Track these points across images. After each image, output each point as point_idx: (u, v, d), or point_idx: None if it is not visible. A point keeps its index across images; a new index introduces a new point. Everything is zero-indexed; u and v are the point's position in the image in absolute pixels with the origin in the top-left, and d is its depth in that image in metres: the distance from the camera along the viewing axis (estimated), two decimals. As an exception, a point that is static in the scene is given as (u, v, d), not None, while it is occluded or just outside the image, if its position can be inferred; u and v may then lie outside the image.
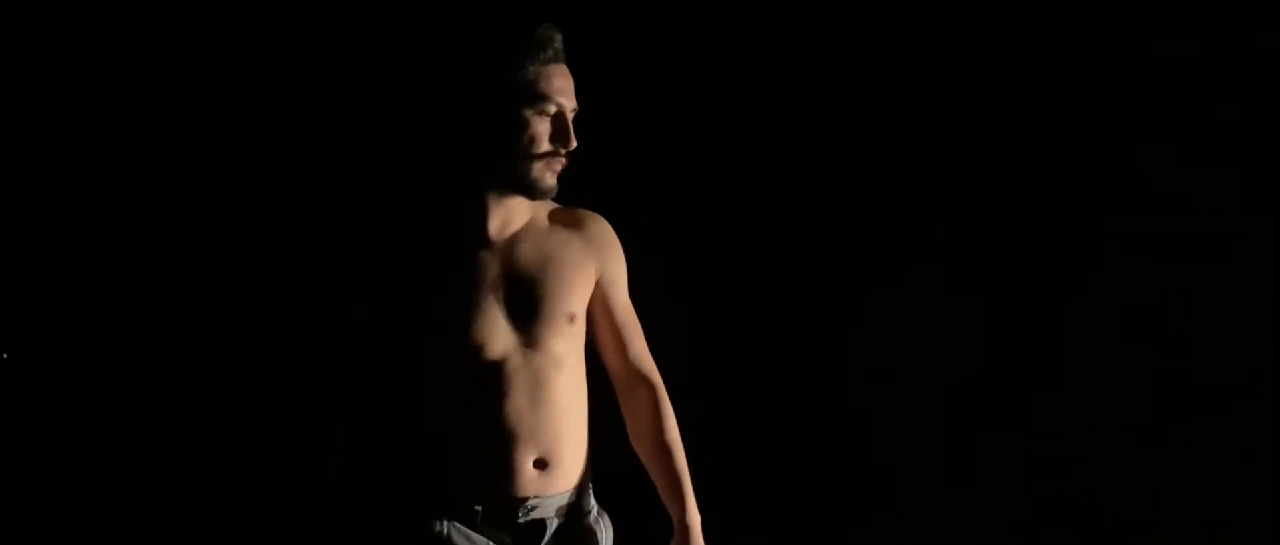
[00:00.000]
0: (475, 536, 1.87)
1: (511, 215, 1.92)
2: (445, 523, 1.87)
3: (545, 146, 1.84)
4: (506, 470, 1.87)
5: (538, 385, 1.89)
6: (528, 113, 1.82)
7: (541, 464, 1.89)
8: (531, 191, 1.86)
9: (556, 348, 1.91)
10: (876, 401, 2.96)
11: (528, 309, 1.89)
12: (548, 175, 1.85)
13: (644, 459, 2.04)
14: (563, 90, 1.85)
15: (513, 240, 1.92)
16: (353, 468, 1.92)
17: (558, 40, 1.85)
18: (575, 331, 1.95)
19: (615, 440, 2.05)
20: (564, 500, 1.93)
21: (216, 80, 2.77)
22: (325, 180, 2.73)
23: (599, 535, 2.00)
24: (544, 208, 1.97)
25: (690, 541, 1.98)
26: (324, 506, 1.94)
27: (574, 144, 1.85)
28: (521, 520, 1.90)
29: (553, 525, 1.92)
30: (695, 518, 1.99)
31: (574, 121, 1.86)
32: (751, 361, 2.90)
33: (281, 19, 2.78)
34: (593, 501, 2.01)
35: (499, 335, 1.88)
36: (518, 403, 1.87)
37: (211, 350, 2.79)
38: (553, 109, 1.84)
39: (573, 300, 1.94)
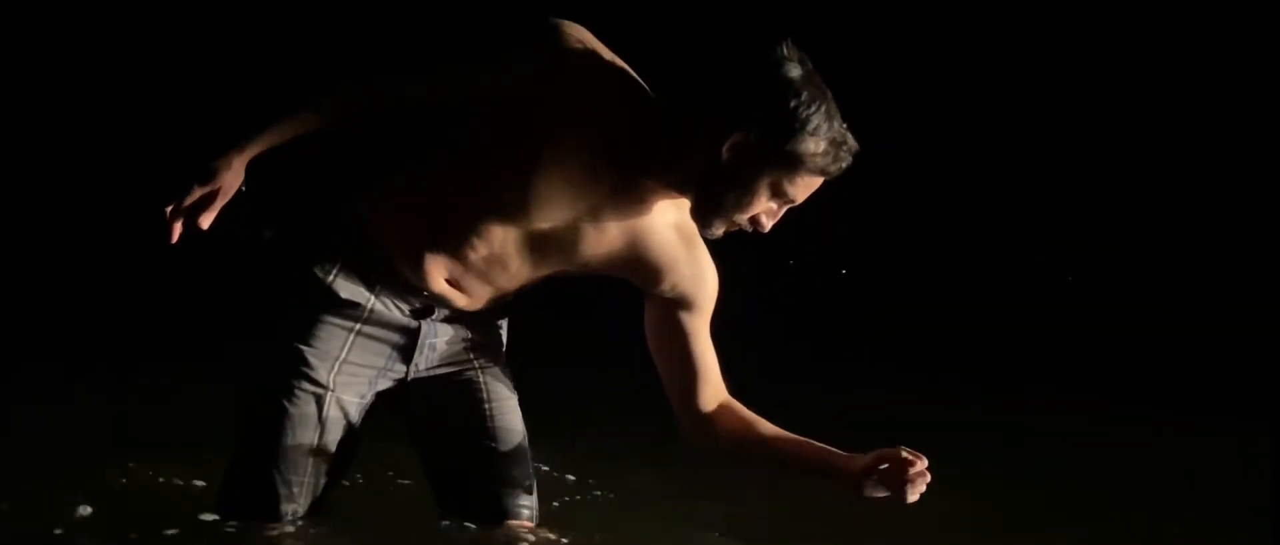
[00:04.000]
0: (360, 289, 1.92)
1: (654, 196, 1.89)
2: (336, 269, 1.92)
3: (748, 215, 1.84)
4: (428, 266, 1.91)
5: (501, 262, 1.92)
6: (768, 191, 1.81)
7: (453, 283, 1.95)
8: (701, 223, 1.87)
9: (541, 272, 1.96)
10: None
11: (564, 236, 1.88)
12: (722, 229, 1.87)
13: (761, 463, 2.02)
14: (805, 195, 1.84)
15: (630, 202, 1.88)
16: (346, 97, 1.94)
17: (848, 166, 1.81)
18: (562, 278, 1.99)
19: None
20: (450, 307, 1.98)
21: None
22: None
23: (495, 334, 2.08)
24: (682, 212, 1.93)
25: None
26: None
27: (766, 231, 1.87)
28: (414, 299, 1.95)
29: (437, 314, 1.98)
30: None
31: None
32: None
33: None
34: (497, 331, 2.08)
35: (532, 215, 1.86)
36: (479, 253, 1.90)
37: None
38: (785, 202, 1.85)
39: (581, 266, 1.94)
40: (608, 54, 1.88)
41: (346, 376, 1.95)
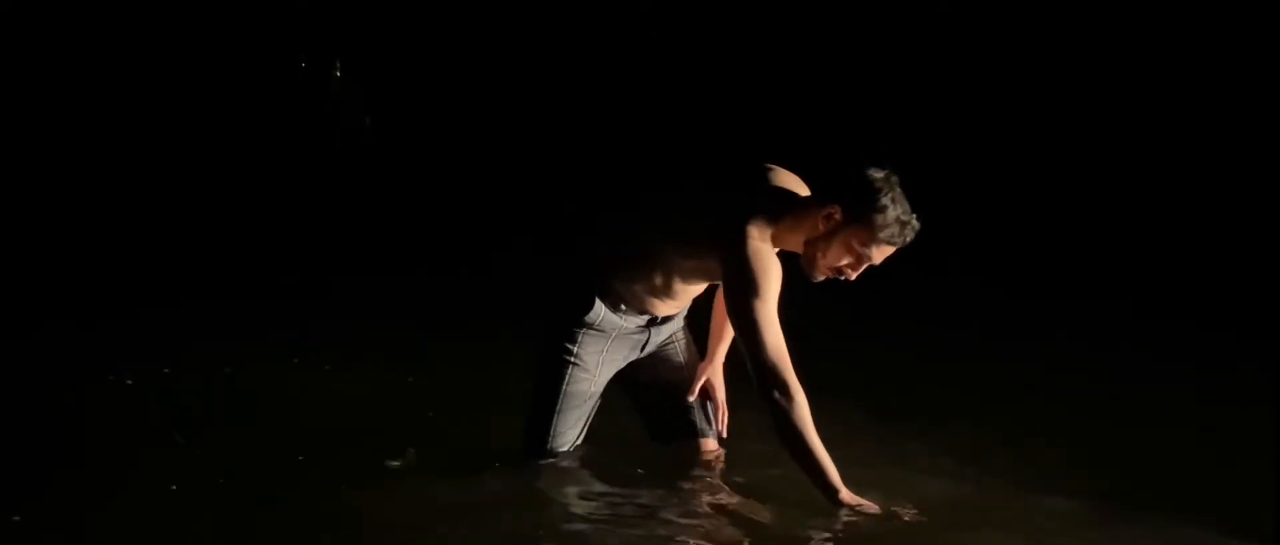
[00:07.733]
0: (630, 317, 3.02)
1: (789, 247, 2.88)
2: (625, 310, 3.00)
3: (840, 265, 2.74)
4: (654, 304, 3.03)
5: (688, 295, 3.08)
6: (854, 251, 2.71)
7: (665, 307, 3.06)
8: (807, 271, 2.79)
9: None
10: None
11: None
12: (820, 276, 2.78)
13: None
14: (883, 256, 2.73)
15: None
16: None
17: (913, 238, 2.70)
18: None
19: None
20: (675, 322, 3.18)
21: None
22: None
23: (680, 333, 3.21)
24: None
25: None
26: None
27: (852, 279, 2.77)
28: (644, 317, 3.06)
29: (658, 321, 3.08)
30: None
31: (867, 271, 2.77)
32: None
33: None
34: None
35: None
36: (679, 301, 3.04)
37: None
38: (868, 261, 2.73)
39: None
40: (774, 216, 2.79)
41: (607, 365, 3.06)
